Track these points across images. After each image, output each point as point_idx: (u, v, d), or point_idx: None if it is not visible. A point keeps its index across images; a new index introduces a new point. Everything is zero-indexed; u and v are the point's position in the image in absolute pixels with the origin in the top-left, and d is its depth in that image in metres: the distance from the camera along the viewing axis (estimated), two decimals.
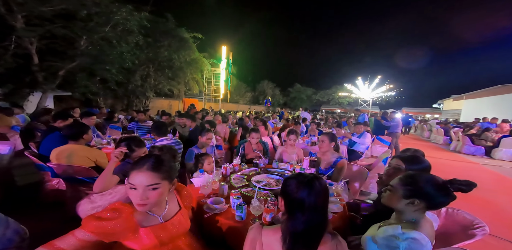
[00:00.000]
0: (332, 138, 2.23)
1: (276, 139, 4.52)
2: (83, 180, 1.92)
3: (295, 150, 2.64)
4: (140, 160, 0.88)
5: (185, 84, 13.31)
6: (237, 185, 1.73)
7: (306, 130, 5.71)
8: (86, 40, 6.67)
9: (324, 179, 0.92)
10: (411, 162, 1.32)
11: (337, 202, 1.41)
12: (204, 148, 2.50)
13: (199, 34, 12.02)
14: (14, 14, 5.39)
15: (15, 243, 0.88)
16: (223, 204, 1.34)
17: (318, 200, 0.80)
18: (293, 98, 34.94)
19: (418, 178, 0.93)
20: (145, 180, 0.82)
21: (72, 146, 1.98)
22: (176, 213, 0.97)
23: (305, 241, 0.78)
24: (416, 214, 0.91)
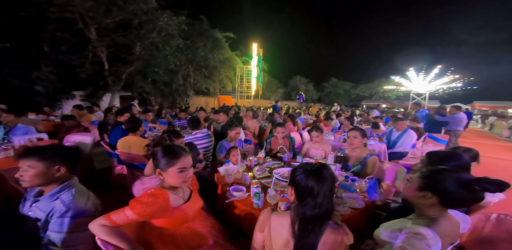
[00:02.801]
0: (364, 134, 2.11)
1: (306, 135, 4.42)
2: (138, 166, 2.34)
3: (323, 146, 2.56)
4: (177, 149, 1.07)
5: (219, 82, 14.08)
6: (259, 176, 1.83)
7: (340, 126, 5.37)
8: (139, 46, 7.77)
9: (330, 167, 0.91)
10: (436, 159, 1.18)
11: (358, 198, 1.35)
12: (233, 142, 2.68)
13: (231, 34, 12.50)
14: (89, 27, 6.69)
15: (91, 213, 1.08)
16: (243, 192, 1.46)
17: (324, 187, 0.82)
18: (328, 93, 32.77)
19: (438, 171, 0.86)
20: (190, 161, 1.05)
21: (131, 137, 2.42)
22: (191, 194, 1.14)
23: (311, 227, 0.81)
24: (434, 210, 0.84)
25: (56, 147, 1.07)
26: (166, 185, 1.06)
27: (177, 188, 1.08)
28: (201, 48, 11.33)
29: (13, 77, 6.03)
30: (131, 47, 7.77)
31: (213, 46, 11.84)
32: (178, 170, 1.01)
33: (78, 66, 6.80)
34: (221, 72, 13.13)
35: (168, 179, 1.03)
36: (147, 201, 0.94)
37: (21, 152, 1.00)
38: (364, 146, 2.18)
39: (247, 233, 1.31)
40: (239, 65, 14.92)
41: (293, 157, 2.50)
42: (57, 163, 1.01)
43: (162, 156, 1.03)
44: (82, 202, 1.04)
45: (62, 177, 1.04)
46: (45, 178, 1.00)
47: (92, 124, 4.27)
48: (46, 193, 1.03)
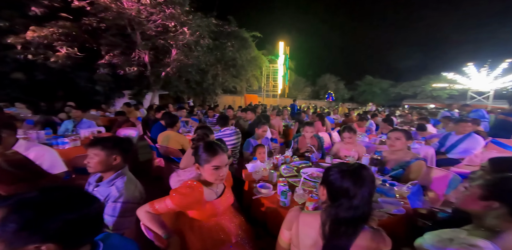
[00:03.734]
0: (408, 136, 1.91)
1: (335, 135, 4.20)
2: (174, 160, 2.55)
3: (355, 147, 2.40)
4: (217, 147, 1.12)
5: (246, 81, 14.33)
6: (286, 174, 1.81)
7: (377, 127, 4.94)
8: (175, 48, 8.44)
9: (370, 169, 0.85)
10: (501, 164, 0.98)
11: (397, 204, 1.23)
12: (259, 140, 2.71)
13: (257, 33, 12.66)
14: (135, 32, 7.58)
15: (138, 199, 1.20)
16: (270, 190, 1.46)
17: (363, 189, 0.77)
18: (362, 92, 30.34)
19: (507, 179, 0.70)
20: (226, 160, 1.09)
21: (170, 132, 2.66)
22: (224, 190, 1.19)
23: (344, 229, 0.77)
24: (499, 222, 0.71)
25: (114, 139, 1.23)
26: (202, 179, 1.13)
27: (211, 182, 1.14)
28: (229, 48, 11.72)
29: (80, 78, 7.28)
30: (168, 49, 8.50)
31: (240, 45, 12.13)
32: (213, 168, 1.06)
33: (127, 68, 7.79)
34: (248, 71, 13.35)
35: (203, 174, 1.10)
36: (184, 192, 1.02)
37: (89, 142, 1.19)
38: (408, 150, 1.96)
39: (271, 230, 1.31)
40: (266, 64, 14.94)
41: (321, 157, 2.40)
42: (115, 153, 1.17)
43: (201, 151, 1.10)
44: (131, 189, 1.16)
45: (118, 165, 1.20)
46: (105, 166, 1.16)
47: (137, 120, 4.84)
48: (105, 179, 1.19)
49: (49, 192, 0.59)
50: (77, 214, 0.58)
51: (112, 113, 6.17)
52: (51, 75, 6.80)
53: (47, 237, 0.54)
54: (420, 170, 1.73)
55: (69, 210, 0.57)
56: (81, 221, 0.59)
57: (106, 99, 8.13)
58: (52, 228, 0.54)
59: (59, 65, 6.58)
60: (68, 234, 0.57)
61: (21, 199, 0.55)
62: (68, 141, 2.49)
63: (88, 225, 0.61)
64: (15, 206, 0.54)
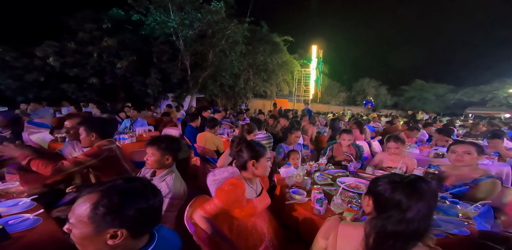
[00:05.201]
0: (481, 150, 1.67)
1: (375, 145, 3.85)
2: (209, 160, 2.72)
3: (403, 159, 2.16)
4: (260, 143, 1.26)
5: (276, 85, 14.40)
6: (320, 182, 1.74)
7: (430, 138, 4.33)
8: (212, 53, 9.13)
9: (431, 181, 0.76)
10: None
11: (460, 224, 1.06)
12: (292, 145, 2.68)
13: (289, 37, 12.71)
14: (179, 39, 8.53)
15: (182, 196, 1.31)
16: (304, 196, 1.43)
17: (419, 203, 0.70)
18: (410, 98, 27.06)
19: None
20: None
21: (207, 133, 2.87)
22: (262, 190, 1.22)
23: (392, 243, 0.71)
24: None
25: (168, 140, 1.34)
26: (244, 177, 1.20)
27: (253, 181, 1.21)
28: (260, 53, 12.07)
29: (136, 82, 8.51)
30: (206, 54, 9.25)
31: (271, 50, 12.37)
32: (267, 159, 1.18)
33: (171, 73, 8.79)
34: (278, 75, 13.44)
35: (259, 169, 1.17)
36: (228, 189, 1.09)
37: (148, 141, 1.34)
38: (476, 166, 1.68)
39: (303, 237, 1.29)
40: (297, 68, 14.79)
41: (360, 167, 2.23)
42: (168, 153, 1.30)
43: (254, 148, 1.18)
44: (178, 186, 1.29)
45: (169, 164, 1.34)
46: (160, 164, 1.31)
47: (178, 121, 5.36)
48: (157, 174, 1.34)
49: (132, 182, 0.67)
50: (148, 203, 0.64)
51: (158, 113, 6.98)
52: (116, 79, 8.21)
53: (124, 222, 0.59)
54: (493, 190, 1.47)
55: (143, 199, 0.64)
56: (149, 210, 0.65)
57: (154, 101, 9.29)
58: (129, 215, 0.59)
59: (122, 71, 7.87)
60: (138, 222, 0.62)
61: (111, 186, 0.62)
62: (127, 137, 2.90)
63: (153, 215, 0.67)
64: (106, 191, 0.61)
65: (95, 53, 7.57)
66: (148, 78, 8.32)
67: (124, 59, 7.72)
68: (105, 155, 1.49)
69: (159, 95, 9.10)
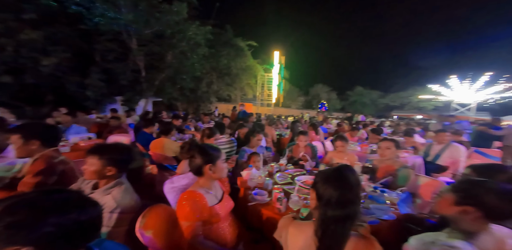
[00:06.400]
0: (398, 145, 2.04)
1: (328, 144, 4.31)
2: (167, 167, 2.53)
3: (347, 155, 2.49)
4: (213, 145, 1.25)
5: (240, 89, 14.60)
6: (281, 182, 1.85)
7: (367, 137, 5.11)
8: (170, 54, 8.57)
9: (353, 168, 0.93)
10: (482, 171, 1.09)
11: (387, 210, 1.30)
12: (254, 148, 2.75)
13: (253, 42, 13.11)
14: (131, 38, 7.67)
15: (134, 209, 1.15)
16: (265, 197, 1.50)
17: (346, 188, 0.83)
18: (353, 102, 31.33)
19: (476, 184, 0.80)
20: None
21: (163, 140, 2.66)
22: (223, 194, 1.22)
23: (333, 228, 0.80)
24: (474, 225, 0.78)
25: (114, 149, 1.19)
26: (202, 184, 1.16)
27: (212, 186, 1.18)
28: (224, 56, 12.03)
29: (71, 83, 7.11)
30: (164, 55, 8.63)
31: (235, 54, 12.50)
32: (223, 161, 1.17)
33: (120, 73, 7.77)
34: (242, 79, 13.65)
35: (216, 172, 1.16)
36: (187, 206, 1.04)
37: (88, 150, 1.16)
38: (396, 158, 2.07)
39: (268, 236, 1.33)
40: (261, 73, 15.36)
41: (315, 165, 2.47)
42: (111, 164, 1.14)
43: (208, 152, 1.16)
44: (128, 199, 1.15)
45: (114, 175, 1.17)
46: (99, 175, 1.14)
47: (129, 126, 4.77)
48: (101, 186, 1.16)
49: (49, 194, 0.59)
50: (70, 218, 0.56)
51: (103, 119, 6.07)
52: (41, 79, 6.62)
53: (30, 239, 0.52)
54: (409, 178, 1.83)
55: (62, 214, 0.56)
56: (74, 225, 0.57)
57: (96, 105, 7.96)
58: (40, 231, 0.52)
59: (50, 69, 6.47)
60: (57, 238, 0.55)
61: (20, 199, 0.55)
62: None
63: (82, 231, 0.59)
64: (11, 205, 0.53)
65: (9, 47, 6.02)
66: (87, 78, 7.12)
67: (52, 56, 6.39)
68: (60, 170, 1.22)
69: (103, 98, 7.93)
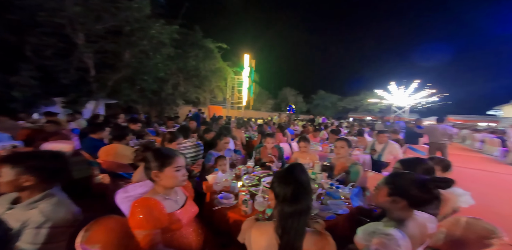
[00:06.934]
0: (350, 144, 2.26)
1: (295, 145, 4.54)
2: (122, 175, 2.27)
3: (310, 155, 2.67)
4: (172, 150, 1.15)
5: (210, 91, 14.22)
6: (248, 184, 1.86)
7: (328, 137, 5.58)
8: (129, 53, 7.79)
9: (303, 166, 0.99)
10: (407, 164, 1.33)
11: (342, 205, 1.43)
12: (222, 151, 2.70)
13: (224, 44, 12.95)
14: (77, 32, 6.65)
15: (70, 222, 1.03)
16: (232, 200, 1.48)
17: (297, 184, 0.89)
18: (317, 105, 33.95)
19: (400, 176, 0.96)
20: (184, 162, 1.11)
21: (116, 146, 2.38)
22: (186, 200, 1.16)
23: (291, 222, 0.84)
24: (402, 213, 0.92)
25: (31, 156, 1.05)
26: (159, 190, 1.07)
27: (170, 192, 1.09)
28: (192, 58, 11.54)
29: None
30: (120, 54, 7.77)
31: (204, 56, 12.13)
32: (175, 169, 1.05)
33: (62, 72, 6.63)
34: (212, 82, 13.33)
35: (165, 180, 1.05)
36: (136, 214, 0.95)
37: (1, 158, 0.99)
38: (349, 156, 2.31)
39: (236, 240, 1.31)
40: (231, 76, 15.28)
41: (281, 166, 2.56)
42: (27, 173, 0.99)
43: (157, 157, 1.05)
44: (61, 212, 1.02)
45: (36, 186, 1.01)
46: (15, 187, 0.98)
47: (71, 132, 4.11)
48: (23, 200, 1.00)
49: None
50: None
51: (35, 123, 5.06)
52: None
53: None
54: (358, 174, 2.06)
55: None
56: None
57: (26, 107, 6.54)
58: None
59: None
60: None
61: None
62: None
63: None
64: None
65: None
66: (15, 76, 5.88)
67: None
68: None
69: (37, 99, 6.69)
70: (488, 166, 6.01)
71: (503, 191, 3.87)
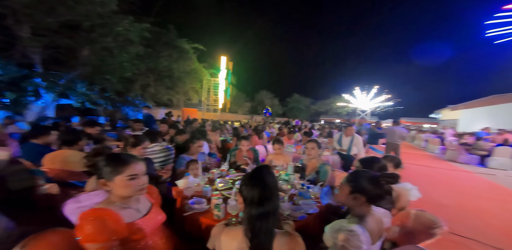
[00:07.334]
0: (319, 145, 2.37)
1: (270, 147, 4.62)
2: (74, 184, 2.01)
3: (284, 157, 2.74)
4: (127, 156, 1.01)
5: (184, 93, 13.65)
6: (221, 188, 1.82)
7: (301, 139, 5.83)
8: (88, 50, 7.02)
9: (269, 169, 0.98)
10: (365, 163, 1.48)
11: (312, 204, 1.49)
12: (195, 155, 2.60)
13: (200, 46, 12.57)
14: (21, 24, 5.75)
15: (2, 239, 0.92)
16: (204, 204, 1.43)
17: (264, 187, 0.89)
18: (292, 108, 35.34)
19: (357, 174, 1.04)
20: (143, 168, 0.99)
21: (66, 152, 2.09)
22: (151, 207, 1.08)
23: (260, 225, 0.84)
24: (362, 209, 1.00)
25: None
26: (114, 199, 0.97)
27: (128, 200, 0.99)
28: (165, 58, 10.97)
29: None
30: (77, 50, 6.95)
31: (178, 56, 11.63)
32: (128, 178, 0.94)
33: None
34: (186, 83, 12.83)
35: (117, 189, 0.94)
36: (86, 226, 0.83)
37: None
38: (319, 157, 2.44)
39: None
40: (207, 77, 14.93)
41: None
42: None
43: (106, 164, 0.94)
44: None
45: None
46: None
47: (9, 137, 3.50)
48: None
49: None
50: None
51: None
52: None
53: None
54: (327, 173, 2.18)
55: None
56: None
57: None
58: None
59: None
60: None
61: None
62: None
63: None
64: None
65: None
66: None
67: None
68: None
69: None
70: (431, 162, 6.97)
71: (443, 184, 4.48)
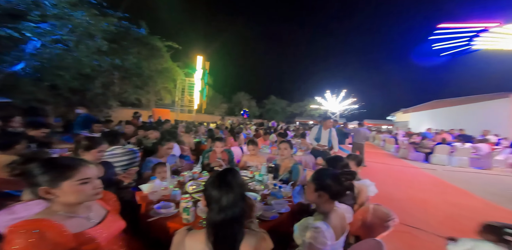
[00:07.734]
0: (291, 146, 2.45)
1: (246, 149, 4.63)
2: (9, 194, 1.71)
3: (258, 158, 2.77)
4: (73, 159, 0.95)
5: (155, 93, 12.83)
6: (193, 190, 1.75)
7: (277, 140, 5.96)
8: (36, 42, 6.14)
9: (237, 172, 0.93)
10: (330, 162, 1.59)
11: (284, 204, 1.53)
12: (164, 158, 2.45)
13: (175, 44, 11.99)
14: None
15: None
16: (171, 209, 1.35)
17: (228, 192, 0.83)
18: (268, 110, 36.07)
19: (320, 172, 1.11)
20: (95, 172, 0.93)
21: (2, 157, 1.77)
22: (106, 215, 0.97)
23: (223, 234, 0.80)
24: (326, 206, 1.05)
25: None
26: (57, 208, 0.84)
27: (76, 208, 0.88)
28: (133, 55, 10.20)
29: None
30: (21, 42, 6.04)
31: (149, 54, 10.92)
32: (79, 182, 0.84)
33: None
34: (157, 82, 12.07)
35: (65, 197, 0.83)
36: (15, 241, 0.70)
37: None
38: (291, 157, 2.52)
39: None
40: (181, 77, 14.27)
41: None
42: None
43: (48, 169, 0.82)
44: None
45: None
46: None
47: None
48: None
49: None
50: None
51: None
52: None
53: None
54: (299, 173, 2.25)
55: None
56: None
57: None
58: None
59: None
60: None
61: None
62: None
63: None
64: None
65: None
66: None
67: None
68: None
69: None
70: (387, 160, 7.83)
71: (396, 179, 4.96)
